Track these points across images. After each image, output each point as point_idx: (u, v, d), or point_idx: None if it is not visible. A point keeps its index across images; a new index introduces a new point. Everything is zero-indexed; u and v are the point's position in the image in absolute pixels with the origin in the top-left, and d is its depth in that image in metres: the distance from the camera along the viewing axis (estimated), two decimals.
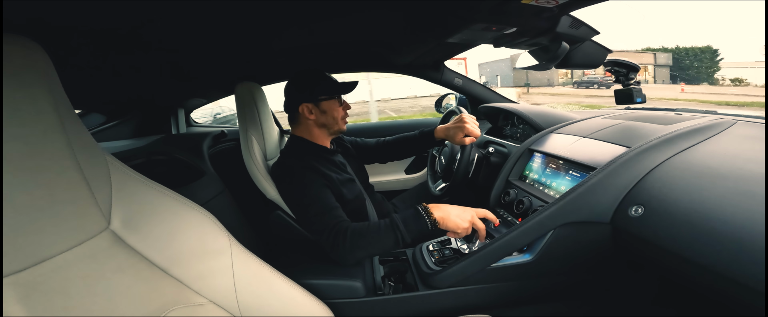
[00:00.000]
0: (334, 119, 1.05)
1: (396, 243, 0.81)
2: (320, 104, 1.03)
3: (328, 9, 0.88)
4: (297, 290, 0.68)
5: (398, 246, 0.82)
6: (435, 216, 0.82)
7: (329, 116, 1.04)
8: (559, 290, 0.87)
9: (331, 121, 1.05)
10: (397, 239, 0.81)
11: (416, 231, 0.81)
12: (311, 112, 1.03)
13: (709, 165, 0.69)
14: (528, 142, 1.16)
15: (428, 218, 0.81)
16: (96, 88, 1.26)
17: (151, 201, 0.53)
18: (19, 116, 0.39)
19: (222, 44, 1.03)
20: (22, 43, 0.41)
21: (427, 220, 0.81)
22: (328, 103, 1.04)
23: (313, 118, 1.04)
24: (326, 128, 1.07)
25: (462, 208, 0.84)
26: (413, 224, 0.81)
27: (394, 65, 1.72)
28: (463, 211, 0.83)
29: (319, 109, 1.04)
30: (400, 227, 0.81)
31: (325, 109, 1.04)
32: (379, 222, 0.84)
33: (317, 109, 1.03)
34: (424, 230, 0.81)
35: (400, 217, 0.83)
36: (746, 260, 0.51)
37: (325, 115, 1.04)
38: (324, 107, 1.04)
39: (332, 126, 1.06)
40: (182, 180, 1.32)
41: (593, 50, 1.02)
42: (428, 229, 0.81)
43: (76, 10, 0.58)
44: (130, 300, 0.47)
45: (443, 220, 0.81)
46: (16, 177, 0.39)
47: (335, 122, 1.06)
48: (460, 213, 0.83)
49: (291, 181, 0.96)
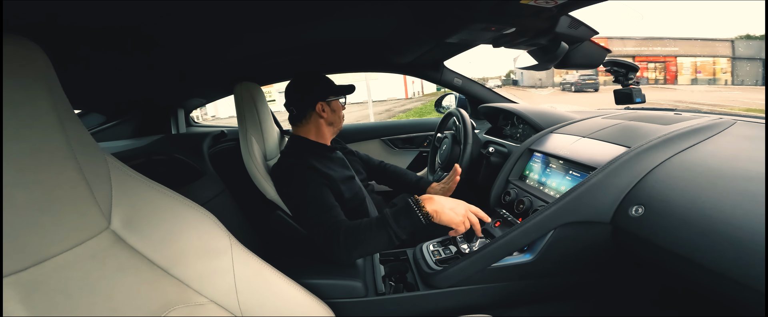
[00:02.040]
0: (340, 118, 1.14)
1: (390, 240, 0.78)
2: (331, 103, 1.10)
3: (329, 9, 0.88)
4: (297, 290, 0.68)
5: (392, 242, 0.79)
6: (427, 210, 0.78)
7: (337, 115, 1.12)
8: (559, 290, 0.87)
9: (337, 120, 1.13)
10: (390, 235, 0.78)
11: (409, 225, 0.78)
12: (324, 110, 1.09)
13: (709, 165, 0.69)
14: (528, 141, 1.16)
15: (420, 211, 0.77)
16: (96, 88, 1.26)
17: (152, 201, 0.53)
18: (18, 116, 0.39)
19: (221, 44, 1.03)
20: (21, 43, 0.41)
21: (419, 214, 0.77)
22: (337, 103, 1.12)
23: (325, 116, 1.09)
24: (333, 126, 1.13)
25: (455, 201, 0.81)
26: (405, 219, 0.78)
27: (393, 65, 1.72)
28: (457, 204, 0.81)
29: (330, 107, 1.10)
30: (390, 223, 0.78)
31: (334, 108, 1.11)
32: (370, 220, 0.81)
33: (329, 107, 1.09)
34: (417, 224, 0.77)
35: (391, 213, 0.80)
36: (746, 260, 0.51)
37: (334, 114, 1.11)
38: (334, 106, 1.11)
39: (338, 124, 1.14)
40: (182, 180, 1.32)
41: (592, 50, 1.02)
42: (421, 223, 0.77)
43: (77, 10, 0.58)
44: (131, 299, 0.46)
45: (437, 214, 0.78)
46: (16, 177, 0.38)
47: (341, 120, 1.14)
48: (454, 207, 0.80)
49: (290, 181, 0.96)
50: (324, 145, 1.10)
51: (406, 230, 0.78)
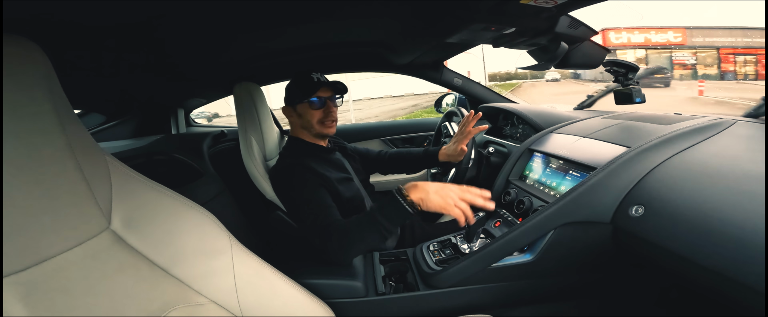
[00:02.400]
0: (309, 122, 1.04)
1: (380, 235, 0.77)
2: (297, 107, 1.05)
3: (329, 9, 0.88)
4: (297, 290, 0.68)
5: (384, 237, 0.77)
6: (412, 198, 0.74)
7: (304, 119, 1.04)
8: (559, 290, 0.87)
9: (307, 124, 1.05)
10: (379, 230, 0.76)
11: (397, 217, 0.76)
12: (291, 115, 1.07)
13: (709, 165, 0.69)
14: (528, 141, 1.16)
15: (404, 200, 0.74)
16: (96, 88, 1.26)
17: (152, 201, 0.53)
18: (18, 116, 0.39)
19: (221, 44, 1.03)
20: (21, 43, 0.41)
21: (404, 203, 0.74)
22: (302, 107, 1.04)
23: (293, 120, 1.08)
24: (308, 130, 1.06)
25: (441, 184, 0.77)
26: (392, 211, 0.75)
27: (393, 65, 1.72)
28: (442, 187, 0.75)
29: (296, 112, 1.05)
30: (378, 217, 0.76)
31: (300, 112, 1.04)
32: (359, 217, 0.80)
33: (294, 112, 1.05)
34: (405, 214, 0.74)
35: (376, 206, 0.78)
36: (746, 260, 0.51)
37: (301, 118, 1.05)
38: (299, 110, 1.04)
39: (311, 129, 1.05)
40: (182, 180, 1.32)
41: (592, 50, 1.02)
42: (409, 213, 0.74)
43: (77, 10, 0.58)
44: (131, 299, 0.46)
45: (423, 201, 0.74)
46: (17, 178, 0.39)
47: (311, 125, 1.04)
48: (440, 190, 0.75)
49: (287, 181, 0.96)
50: (318, 146, 1.09)
51: (395, 222, 0.77)
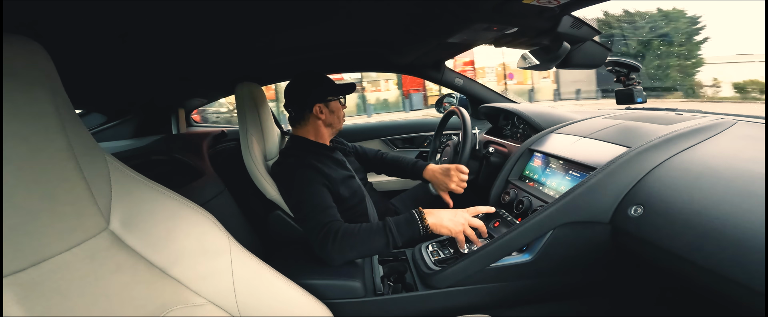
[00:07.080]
0: (339, 118, 1.12)
1: (386, 246, 0.82)
2: (329, 104, 1.09)
3: (330, 10, 0.88)
4: (296, 290, 0.68)
5: (388, 249, 0.83)
6: (428, 223, 0.84)
7: (336, 116, 1.11)
8: (558, 290, 0.87)
9: (336, 120, 1.11)
10: (388, 242, 0.82)
11: (408, 235, 0.83)
12: (322, 112, 1.08)
13: (709, 165, 0.69)
14: (528, 142, 1.16)
15: (421, 223, 0.83)
16: (96, 88, 1.26)
17: (151, 202, 0.53)
18: (20, 116, 0.39)
19: (222, 44, 1.03)
20: (23, 43, 0.41)
21: (420, 226, 0.83)
22: (335, 103, 1.10)
23: (323, 118, 1.08)
24: (331, 127, 1.12)
25: (454, 212, 0.86)
26: (406, 228, 0.83)
27: (394, 65, 1.72)
28: (455, 215, 0.85)
29: (328, 108, 1.08)
30: (392, 230, 0.83)
31: (333, 108, 1.10)
32: (371, 224, 0.85)
33: (327, 108, 1.08)
34: (416, 235, 0.83)
35: (393, 221, 0.84)
36: (746, 260, 0.51)
37: (333, 115, 1.10)
38: (332, 107, 1.09)
39: (337, 124, 1.12)
40: (182, 180, 1.32)
41: (594, 50, 1.02)
42: (420, 234, 0.83)
43: (77, 9, 0.58)
44: (129, 300, 0.46)
45: (436, 227, 0.84)
46: (17, 177, 0.38)
47: (340, 121, 1.13)
48: (452, 218, 0.85)
49: (290, 179, 0.97)
50: (322, 144, 1.10)
51: (404, 238, 0.84)
